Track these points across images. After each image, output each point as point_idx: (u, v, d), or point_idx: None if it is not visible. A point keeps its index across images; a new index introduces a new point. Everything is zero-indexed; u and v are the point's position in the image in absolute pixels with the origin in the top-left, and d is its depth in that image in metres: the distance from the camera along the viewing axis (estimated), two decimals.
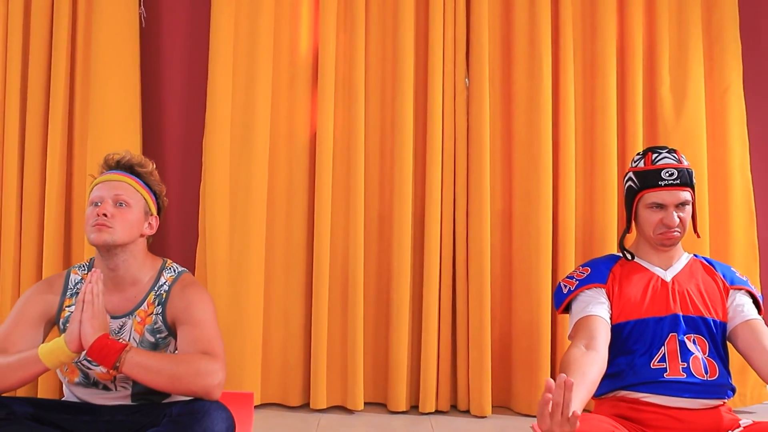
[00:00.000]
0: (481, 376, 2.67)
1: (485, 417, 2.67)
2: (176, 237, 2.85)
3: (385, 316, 2.80)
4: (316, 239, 2.75)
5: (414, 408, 2.75)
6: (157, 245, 2.74)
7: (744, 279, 2.05)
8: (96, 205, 1.78)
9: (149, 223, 1.86)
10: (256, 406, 2.63)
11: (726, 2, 2.82)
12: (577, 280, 2.06)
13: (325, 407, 2.72)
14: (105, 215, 1.74)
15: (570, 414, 1.37)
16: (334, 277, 2.79)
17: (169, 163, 2.87)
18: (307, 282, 2.80)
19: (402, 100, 2.77)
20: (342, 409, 2.76)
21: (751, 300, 2.00)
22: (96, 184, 1.83)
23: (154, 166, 1.90)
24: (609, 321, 1.95)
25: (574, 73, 2.81)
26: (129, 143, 2.71)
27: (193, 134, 2.86)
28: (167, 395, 1.81)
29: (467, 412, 2.73)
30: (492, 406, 2.71)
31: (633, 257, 2.07)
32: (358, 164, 2.76)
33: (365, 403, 2.76)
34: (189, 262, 2.71)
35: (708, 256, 2.36)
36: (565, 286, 2.08)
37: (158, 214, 1.91)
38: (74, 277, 1.87)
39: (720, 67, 2.83)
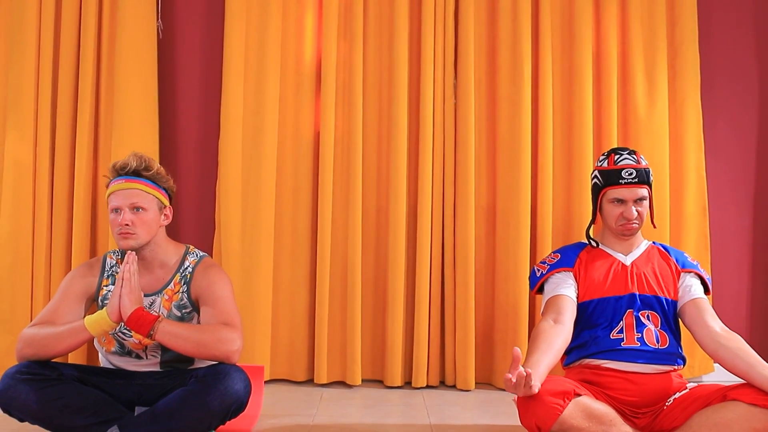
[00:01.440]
0: (466, 355, 2.87)
1: (470, 391, 2.88)
2: (196, 229, 3.04)
3: (382, 300, 2.99)
4: (319, 231, 2.92)
5: (407, 383, 2.95)
6: (181, 236, 3.00)
7: (694, 263, 2.31)
8: (116, 212, 2.00)
9: (164, 215, 2.09)
10: (266, 381, 2.82)
11: (687, 19, 2.98)
12: (548, 264, 2.33)
13: (327, 382, 2.92)
14: (127, 225, 1.97)
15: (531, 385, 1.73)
16: (335, 264, 2.96)
17: (185, 162, 3.06)
18: (311, 269, 2.99)
19: (396, 104, 2.93)
20: (342, 384, 2.97)
21: (699, 282, 2.27)
22: (112, 192, 2.03)
23: (158, 164, 2.09)
24: (575, 300, 2.22)
25: (553, 80, 2.98)
26: (148, 144, 2.91)
27: (209, 136, 3.04)
28: (192, 363, 2.07)
29: (454, 386, 2.93)
30: (476, 382, 2.91)
31: (598, 245, 2.33)
32: (357, 162, 2.93)
33: (363, 379, 2.96)
34: (207, 251, 2.87)
35: (667, 244, 2.62)
36: (538, 270, 2.35)
37: (170, 203, 2.13)
38: (110, 261, 2.13)
39: (681, 78, 3.00)
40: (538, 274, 2.33)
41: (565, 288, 2.23)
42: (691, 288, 2.22)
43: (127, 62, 2.91)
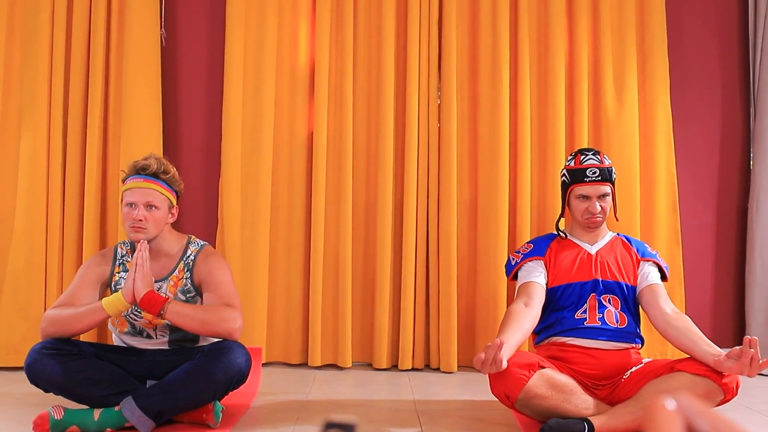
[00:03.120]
0: (448, 339, 3.07)
1: (452, 373, 3.09)
2: (200, 223, 3.23)
3: (371, 289, 3.18)
4: (312, 224, 3.12)
5: (394, 366, 3.16)
6: (187, 230, 3.18)
7: (653, 253, 2.53)
8: (130, 206, 2.20)
9: (171, 213, 2.31)
10: (263, 364, 3.04)
11: (656, 26, 3.19)
12: (522, 254, 2.55)
13: (320, 365, 3.13)
14: (140, 220, 2.18)
15: (498, 362, 1.95)
16: (327, 255, 3.15)
17: (189, 162, 3.25)
18: (305, 260, 3.18)
19: (384, 107, 3.12)
20: (334, 366, 3.18)
21: (657, 270, 2.49)
22: (129, 188, 2.22)
23: (173, 168, 2.30)
24: (545, 286, 2.45)
25: (530, 84, 3.19)
26: (153, 145, 3.10)
27: (212, 138, 3.24)
28: (197, 341, 2.29)
29: (437, 369, 3.13)
30: (458, 365, 3.12)
31: (566, 236, 2.55)
32: (347, 161, 3.12)
33: (353, 362, 3.17)
34: (210, 243, 3.07)
35: (636, 238, 2.84)
36: (513, 259, 2.57)
37: (177, 203, 2.34)
38: (120, 251, 2.34)
39: (651, 81, 3.21)
40: (513, 263, 2.55)
41: (535, 276, 2.45)
42: (648, 275, 2.44)
43: (134, 68, 3.11)
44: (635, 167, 3.17)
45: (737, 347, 1.98)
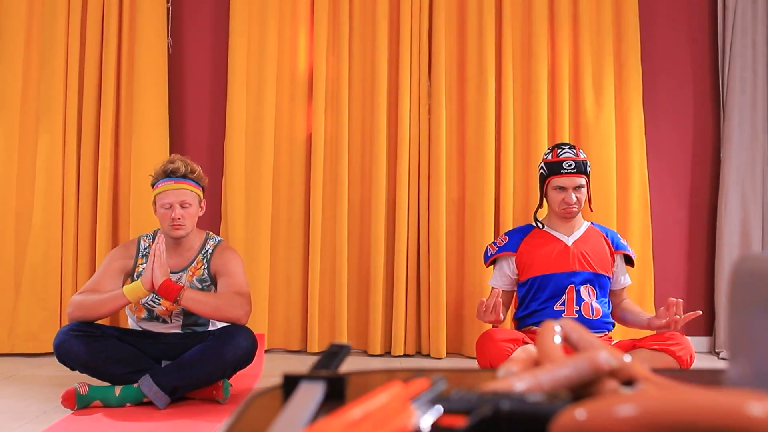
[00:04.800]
0: (438, 328, 3.27)
1: (441, 358, 3.28)
2: (205, 219, 3.32)
3: (365, 280, 3.37)
4: (311, 220, 3.31)
5: (387, 353, 3.34)
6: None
7: (624, 244, 2.74)
8: (167, 207, 2.41)
9: (201, 207, 2.55)
10: (265, 350, 3.23)
11: (630, 36, 3.40)
12: (497, 246, 2.74)
13: (317, 351, 3.32)
14: (179, 219, 2.40)
15: (498, 306, 2.26)
16: (324, 249, 3.34)
17: (193, 161, 3.40)
18: (304, 254, 3.37)
19: (377, 110, 3.31)
20: None
21: (624, 261, 2.73)
22: (163, 191, 2.43)
23: (198, 166, 2.53)
24: (506, 285, 2.70)
25: (514, 89, 3.38)
26: (160, 146, 3.31)
27: (216, 138, 3.44)
28: (208, 326, 2.51)
29: (428, 355, 3.32)
30: (447, 351, 3.32)
31: (543, 226, 2.74)
32: (343, 160, 3.31)
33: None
34: None
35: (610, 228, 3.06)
36: (489, 250, 2.77)
37: (203, 196, 2.57)
38: (143, 244, 2.56)
39: (626, 86, 3.41)
40: (489, 254, 2.77)
41: (496, 280, 2.72)
42: (621, 278, 2.71)
43: (143, 74, 3.31)
44: (612, 166, 3.38)
45: (663, 308, 2.36)
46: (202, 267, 2.51)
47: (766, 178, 3.50)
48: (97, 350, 2.27)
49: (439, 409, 0.44)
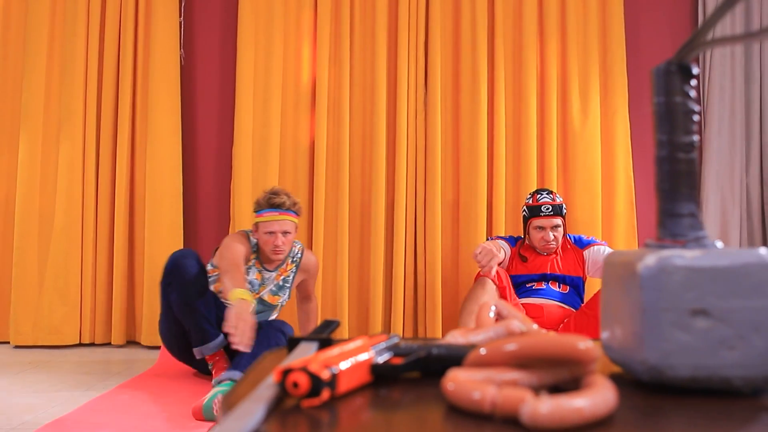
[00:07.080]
0: (434, 322, 3.46)
1: None
2: (214, 221, 3.63)
3: (366, 278, 3.56)
4: (314, 222, 3.49)
5: None
6: (201, 228, 3.58)
7: (590, 239, 3.06)
8: (271, 234, 2.69)
9: (296, 230, 2.82)
10: None
11: (616, 47, 3.58)
12: (497, 236, 3.10)
13: None
14: (280, 245, 2.69)
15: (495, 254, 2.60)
16: (327, 250, 3.53)
17: (204, 166, 3.66)
18: None
19: (377, 118, 3.50)
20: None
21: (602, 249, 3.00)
22: (268, 221, 2.70)
23: (297, 198, 2.80)
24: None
25: (505, 98, 3.57)
26: (173, 152, 3.51)
27: (224, 145, 3.64)
28: (268, 319, 2.78)
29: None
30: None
31: (527, 259, 3.04)
32: (344, 165, 3.49)
33: (350, 336, 3.57)
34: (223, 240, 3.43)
35: (596, 236, 3.32)
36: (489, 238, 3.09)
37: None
38: (252, 240, 2.80)
39: (612, 95, 3.59)
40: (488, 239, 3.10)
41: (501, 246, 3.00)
42: (599, 258, 2.98)
43: (157, 85, 3.52)
44: (597, 171, 3.56)
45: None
46: (291, 270, 2.85)
47: (744, 183, 3.68)
48: (204, 285, 2.58)
49: (390, 353, 0.66)
